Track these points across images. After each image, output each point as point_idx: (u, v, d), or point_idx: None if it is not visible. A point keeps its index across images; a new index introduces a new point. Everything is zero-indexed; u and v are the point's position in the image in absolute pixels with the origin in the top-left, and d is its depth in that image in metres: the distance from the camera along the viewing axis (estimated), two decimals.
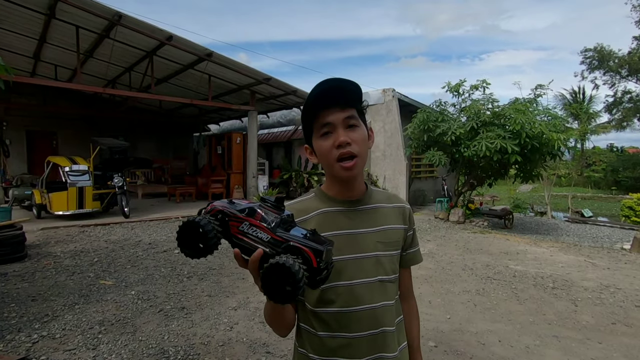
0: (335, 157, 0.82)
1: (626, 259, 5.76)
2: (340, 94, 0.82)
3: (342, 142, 0.81)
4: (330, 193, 0.92)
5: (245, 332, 3.03)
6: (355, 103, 0.85)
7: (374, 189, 0.98)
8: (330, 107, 0.82)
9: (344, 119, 0.82)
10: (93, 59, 9.53)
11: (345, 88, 0.81)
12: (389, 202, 0.97)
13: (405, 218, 0.97)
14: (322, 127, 0.83)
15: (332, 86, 0.81)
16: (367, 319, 0.86)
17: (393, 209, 0.96)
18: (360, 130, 0.84)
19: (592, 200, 16.79)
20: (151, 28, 7.67)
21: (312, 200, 0.94)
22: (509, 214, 9.03)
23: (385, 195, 0.98)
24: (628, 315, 3.56)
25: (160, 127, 16.30)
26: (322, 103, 0.82)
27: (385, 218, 0.93)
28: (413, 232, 1.00)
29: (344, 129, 0.82)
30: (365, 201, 0.93)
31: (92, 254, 5.21)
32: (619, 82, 21.86)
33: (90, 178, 7.69)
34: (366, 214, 0.91)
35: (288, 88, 10.29)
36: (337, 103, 0.82)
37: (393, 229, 0.93)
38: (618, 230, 9.08)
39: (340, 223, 0.89)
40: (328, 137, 0.83)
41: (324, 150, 0.84)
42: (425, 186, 12.58)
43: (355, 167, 0.83)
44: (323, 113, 0.82)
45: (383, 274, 0.89)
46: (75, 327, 3.03)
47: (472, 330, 3.15)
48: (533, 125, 7.13)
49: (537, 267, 5.11)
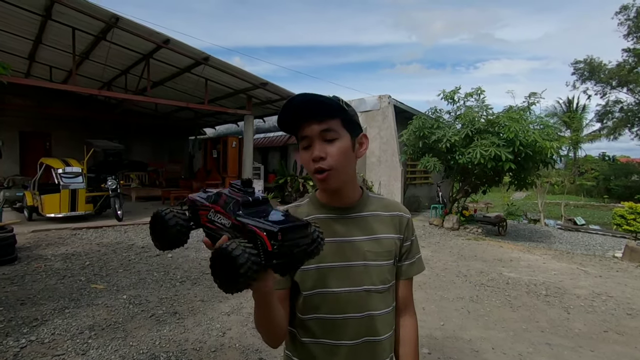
0: (312, 169, 0.84)
1: (618, 267, 5.82)
2: (318, 107, 0.81)
3: (315, 158, 0.82)
4: (323, 200, 0.93)
5: (238, 338, 3.00)
6: (335, 114, 0.82)
7: (371, 196, 0.97)
8: (307, 119, 0.82)
9: (320, 132, 0.82)
10: (89, 61, 9.49)
11: (320, 101, 0.80)
12: (386, 210, 0.95)
13: (401, 227, 0.94)
14: (301, 139, 0.85)
15: (308, 99, 0.79)
16: (351, 328, 0.85)
17: (387, 218, 0.94)
18: (339, 142, 0.82)
19: (584, 209, 16.95)
20: (148, 31, 7.67)
21: (305, 206, 0.95)
22: (503, 221, 9.08)
23: (382, 203, 0.96)
24: (620, 323, 3.58)
25: (155, 130, 16.23)
26: (301, 115, 0.82)
27: (378, 226, 0.92)
28: (411, 243, 0.96)
29: (320, 142, 0.82)
30: (359, 209, 0.92)
31: (84, 257, 5.14)
32: (610, 92, 22.27)
33: (84, 180, 7.61)
34: (358, 222, 0.91)
35: (284, 93, 10.31)
36: (313, 116, 0.81)
37: (385, 238, 0.91)
38: (610, 238, 9.17)
39: (330, 230, 0.88)
40: (308, 150, 0.84)
41: (304, 163, 0.87)
42: (420, 192, 12.63)
43: (328, 179, 0.83)
44: (302, 126, 0.83)
45: (369, 283, 0.87)
46: (64, 331, 2.98)
47: (466, 338, 3.15)
48: (527, 134, 7.21)
49: (530, 275, 5.14)
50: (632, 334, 3.35)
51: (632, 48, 20.08)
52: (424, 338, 3.09)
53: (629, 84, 20.80)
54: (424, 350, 2.90)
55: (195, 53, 8.56)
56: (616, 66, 20.74)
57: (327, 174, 0.82)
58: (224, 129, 16.48)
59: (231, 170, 11.52)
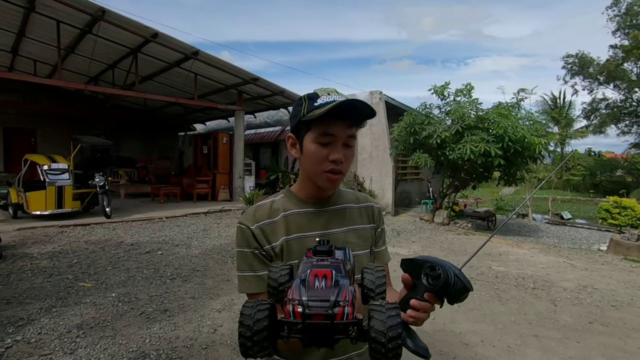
0: (325, 168, 0.84)
1: (603, 260, 5.95)
2: (356, 114, 0.82)
3: (337, 159, 0.83)
4: (301, 195, 0.93)
5: (229, 335, 2.99)
6: (361, 124, 0.87)
7: (343, 190, 1.00)
8: (340, 119, 0.82)
9: (348, 137, 0.84)
10: (75, 55, 9.29)
11: (363, 110, 0.81)
12: (357, 202, 0.99)
13: (373, 217, 1.00)
14: (323, 135, 0.82)
15: (355, 105, 0.79)
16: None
17: (360, 209, 0.98)
18: (353, 149, 0.88)
19: (571, 203, 17.27)
20: (136, 25, 7.53)
21: (280, 201, 0.94)
22: (492, 215, 9.21)
23: (354, 196, 1.01)
24: (604, 314, 3.67)
25: (144, 126, 16.00)
26: (334, 113, 0.78)
27: (353, 218, 0.95)
28: (381, 231, 1.02)
29: (343, 145, 0.84)
30: (334, 201, 0.95)
31: (71, 255, 5.06)
32: (597, 88, 22.67)
33: (70, 177, 7.46)
34: (334, 215, 0.93)
35: (276, 89, 10.25)
36: (348, 119, 0.83)
37: (362, 229, 0.96)
38: (595, 232, 9.37)
39: (309, 224, 0.90)
40: (325, 147, 0.83)
41: (316, 158, 0.83)
42: (411, 188, 12.72)
43: (338, 181, 0.87)
44: (331, 122, 0.81)
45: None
46: (51, 331, 2.93)
47: (456, 331, 3.19)
48: (515, 130, 7.29)
49: (519, 268, 5.22)
50: (617, 325, 3.44)
51: (620, 45, 20.44)
52: None
53: (615, 80, 21.19)
54: None
55: (185, 47, 8.44)
56: (605, 62, 21.10)
57: (339, 177, 0.86)
58: (215, 125, 16.33)
59: (222, 167, 11.42)
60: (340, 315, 0.49)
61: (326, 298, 0.50)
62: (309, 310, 0.50)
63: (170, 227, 7.19)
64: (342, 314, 0.49)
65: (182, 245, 5.87)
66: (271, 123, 13.90)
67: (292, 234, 0.88)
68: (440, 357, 2.76)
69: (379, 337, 0.49)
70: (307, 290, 0.52)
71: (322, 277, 0.53)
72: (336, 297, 0.51)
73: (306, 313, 0.50)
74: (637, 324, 3.47)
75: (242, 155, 11.10)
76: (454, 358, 2.75)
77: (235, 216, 8.60)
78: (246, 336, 0.51)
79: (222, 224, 7.67)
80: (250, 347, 0.51)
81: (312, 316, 0.50)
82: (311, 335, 0.50)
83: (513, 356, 2.81)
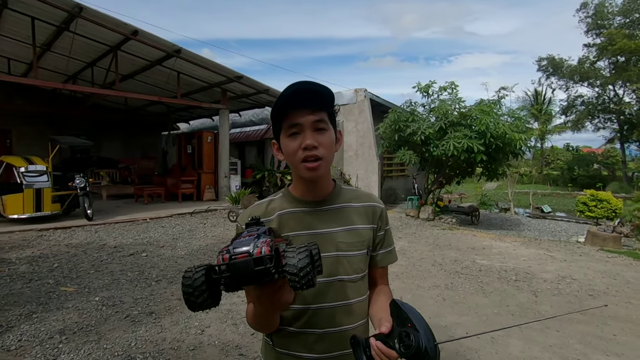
0: (300, 158, 0.83)
1: (581, 251, 6.16)
2: (312, 97, 0.82)
3: (308, 145, 0.82)
4: (296, 193, 0.94)
5: (217, 335, 2.98)
6: (327, 107, 0.86)
7: (344, 188, 0.98)
8: (300, 108, 0.82)
9: (313, 121, 0.83)
10: (51, 53, 9.00)
11: (318, 91, 0.82)
12: (358, 201, 0.96)
13: (374, 217, 0.96)
14: (290, 127, 0.84)
15: (306, 88, 0.81)
16: (326, 317, 0.87)
17: (360, 209, 0.95)
18: (328, 134, 0.85)
19: (551, 197, 17.79)
20: (115, 22, 7.35)
21: (278, 200, 0.96)
22: (476, 210, 9.40)
23: (355, 194, 0.98)
24: (582, 304, 3.81)
25: (126, 126, 15.65)
26: (293, 103, 0.82)
27: (350, 217, 0.93)
28: (385, 232, 0.98)
29: (312, 131, 0.83)
30: (331, 201, 0.93)
31: (52, 260, 4.92)
32: (573, 86, 23.41)
33: (49, 179, 7.24)
34: (330, 214, 0.92)
35: (260, 86, 10.18)
36: (308, 105, 0.82)
37: (359, 229, 0.92)
38: (574, 225, 9.69)
39: (302, 223, 0.90)
40: (296, 137, 0.84)
41: (290, 150, 0.85)
42: (397, 185, 12.86)
43: (319, 169, 0.85)
44: (293, 113, 0.82)
45: (344, 273, 0.89)
46: (32, 337, 2.85)
47: (442, 324, 3.26)
48: (497, 126, 7.46)
49: (502, 261, 5.36)
50: (594, 313, 3.57)
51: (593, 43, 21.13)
52: None
53: (589, 79, 21.92)
54: None
55: (166, 45, 8.29)
56: (577, 62, 21.82)
57: (319, 163, 0.84)
58: (199, 124, 16.10)
59: (207, 166, 11.28)
60: (259, 253, 0.61)
61: (247, 243, 0.63)
62: (233, 253, 0.62)
63: (155, 229, 7.07)
64: (260, 252, 0.61)
65: (167, 246, 5.79)
66: (256, 121, 13.79)
67: (284, 232, 0.88)
68: None
69: (292, 270, 0.62)
70: (234, 244, 0.64)
71: (246, 237, 0.66)
72: (255, 242, 0.63)
73: (231, 256, 0.62)
74: (612, 312, 3.61)
75: (228, 154, 10.99)
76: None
77: (222, 216, 8.52)
78: (189, 292, 0.63)
79: (208, 224, 7.59)
80: (194, 302, 0.63)
81: (236, 256, 0.62)
82: (238, 275, 0.61)
83: (496, 346, 2.89)
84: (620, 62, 20.61)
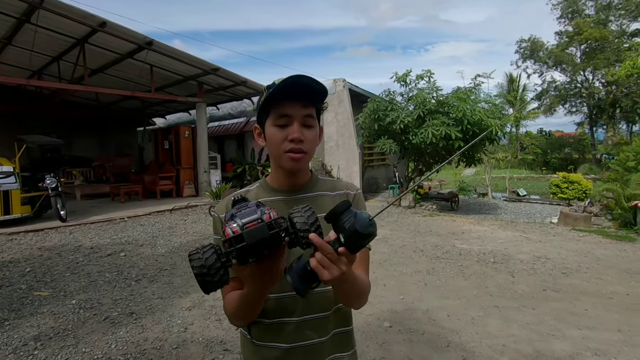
0: (285, 149, 0.84)
1: (554, 231, 6.41)
2: (307, 91, 0.83)
3: (295, 138, 0.83)
4: (274, 184, 0.95)
5: (200, 332, 2.94)
6: (317, 103, 0.88)
7: (321, 179, 0.98)
8: (294, 100, 0.83)
9: (303, 116, 0.84)
10: (12, 47, 8.52)
11: (314, 87, 0.83)
12: (333, 190, 0.96)
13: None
14: (280, 117, 0.84)
15: (304, 82, 0.81)
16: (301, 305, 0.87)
17: (334, 197, 0.95)
18: (314, 130, 0.87)
19: (526, 181, 18.36)
20: (80, 13, 7.00)
21: (255, 190, 0.97)
22: (455, 196, 9.61)
23: (332, 185, 0.98)
24: (556, 282, 3.97)
25: (99, 123, 15.06)
26: (288, 94, 0.82)
27: (325, 206, 0.90)
28: None
29: (300, 125, 0.84)
30: (307, 189, 0.94)
31: (24, 264, 4.72)
32: (546, 71, 24.09)
33: (17, 180, 6.91)
34: (305, 202, 0.89)
35: (237, 79, 9.97)
36: (301, 99, 0.83)
37: None
38: (548, 206, 10.06)
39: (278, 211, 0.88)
40: (283, 128, 0.84)
41: (276, 140, 0.85)
42: (378, 174, 12.97)
43: (301, 161, 0.86)
44: (285, 103, 0.83)
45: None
46: (5, 345, 2.74)
47: (424, 308, 3.33)
48: (474, 112, 7.60)
49: (480, 245, 5.52)
50: (567, 290, 3.74)
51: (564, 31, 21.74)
52: (385, 312, 3.22)
53: (562, 64, 22.60)
54: (385, 324, 3.02)
55: (137, 37, 7.99)
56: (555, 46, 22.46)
57: (302, 156, 0.85)
58: (176, 118, 15.69)
59: (185, 162, 11.03)
60: (269, 218, 0.63)
61: (252, 213, 0.64)
62: (243, 223, 0.63)
63: (134, 227, 6.89)
64: (269, 217, 0.64)
65: (147, 245, 5.65)
66: (235, 114, 13.55)
67: None
68: (410, 335, 2.87)
69: (303, 226, 0.65)
70: (237, 217, 0.64)
71: (243, 210, 0.66)
72: (261, 210, 0.65)
73: (242, 226, 0.62)
74: (584, 288, 3.79)
75: (207, 149, 10.78)
76: (422, 334, 2.87)
77: (203, 212, 8.38)
78: (204, 273, 0.63)
79: (189, 220, 7.46)
80: (210, 281, 0.64)
81: (246, 225, 0.62)
82: (254, 242, 0.62)
83: (476, 327, 2.98)
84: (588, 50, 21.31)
